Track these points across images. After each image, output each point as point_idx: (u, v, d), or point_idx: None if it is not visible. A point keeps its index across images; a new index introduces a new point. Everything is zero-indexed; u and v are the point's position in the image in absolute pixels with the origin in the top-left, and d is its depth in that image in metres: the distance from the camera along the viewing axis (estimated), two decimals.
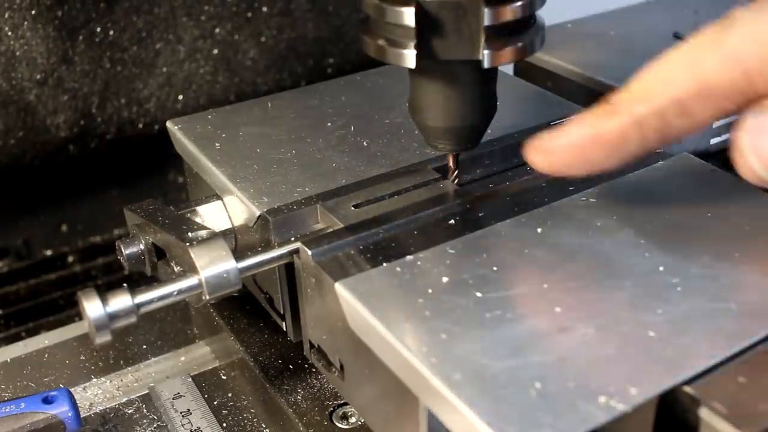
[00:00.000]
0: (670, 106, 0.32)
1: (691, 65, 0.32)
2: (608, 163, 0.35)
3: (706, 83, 0.32)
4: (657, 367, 0.31)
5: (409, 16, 0.36)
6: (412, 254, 0.38)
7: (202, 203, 0.47)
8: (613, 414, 0.29)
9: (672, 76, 0.32)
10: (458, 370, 0.31)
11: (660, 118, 0.33)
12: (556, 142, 0.35)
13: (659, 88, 0.33)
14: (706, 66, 0.32)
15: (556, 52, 0.58)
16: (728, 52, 0.31)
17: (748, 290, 0.35)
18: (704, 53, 0.32)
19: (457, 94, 0.40)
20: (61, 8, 0.62)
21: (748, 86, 0.31)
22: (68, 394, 0.45)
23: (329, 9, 0.72)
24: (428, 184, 0.44)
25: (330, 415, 0.44)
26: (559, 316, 0.33)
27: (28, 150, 0.65)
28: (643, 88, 0.33)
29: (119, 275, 0.70)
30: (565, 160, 0.35)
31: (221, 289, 0.39)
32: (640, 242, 0.38)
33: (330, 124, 0.51)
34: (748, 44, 0.31)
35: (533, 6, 0.38)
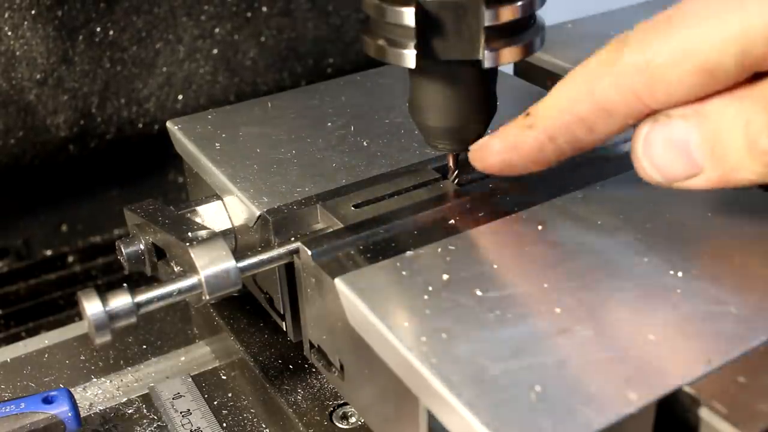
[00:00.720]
0: (575, 124, 0.35)
1: (589, 86, 0.34)
2: (534, 168, 0.38)
3: (603, 105, 0.34)
4: (657, 371, 0.31)
5: (409, 16, 0.36)
6: (413, 250, 0.38)
7: (202, 203, 0.47)
8: (612, 419, 0.29)
9: (572, 97, 0.35)
10: (458, 371, 0.31)
11: (569, 133, 0.36)
12: (488, 150, 0.39)
13: (565, 107, 0.35)
14: (601, 88, 0.34)
15: (556, 52, 0.58)
16: (619, 77, 0.33)
17: (748, 292, 0.35)
18: (599, 75, 0.34)
19: (457, 94, 0.40)
20: (61, 8, 0.62)
21: (642, 105, 0.33)
22: (68, 394, 0.45)
23: (329, 9, 0.72)
24: (428, 184, 0.44)
25: (330, 415, 0.44)
26: (559, 317, 0.33)
27: (28, 150, 0.65)
28: (553, 105, 0.36)
29: (119, 275, 0.70)
30: (497, 166, 0.39)
31: (221, 289, 0.39)
32: (640, 242, 0.38)
33: (330, 124, 0.51)
34: (635, 70, 0.33)
35: (533, 6, 0.38)
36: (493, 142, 0.39)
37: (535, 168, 0.38)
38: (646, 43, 0.33)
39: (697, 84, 0.32)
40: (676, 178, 0.34)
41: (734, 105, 0.32)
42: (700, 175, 0.33)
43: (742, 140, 0.32)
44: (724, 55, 0.31)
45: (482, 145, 0.39)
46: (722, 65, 0.31)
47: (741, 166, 0.32)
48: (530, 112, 0.37)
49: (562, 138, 0.36)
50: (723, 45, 0.31)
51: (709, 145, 0.33)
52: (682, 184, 0.34)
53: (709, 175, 0.33)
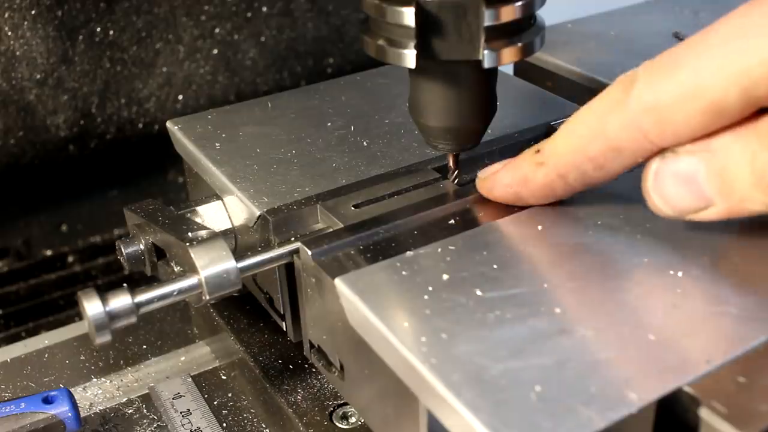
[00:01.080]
0: (585, 163, 0.36)
1: (597, 126, 0.35)
2: (542, 202, 0.40)
3: (613, 144, 0.35)
4: (657, 371, 0.31)
5: (409, 16, 0.36)
6: (412, 250, 0.38)
7: (202, 203, 0.47)
8: (612, 419, 0.29)
9: (582, 137, 0.36)
10: (458, 371, 0.31)
11: (579, 171, 0.37)
12: (495, 183, 0.40)
13: (574, 146, 0.36)
14: (610, 128, 0.35)
15: (556, 52, 0.58)
16: (628, 117, 0.34)
17: (748, 292, 0.35)
18: (608, 115, 0.35)
19: (457, 94, 0.40)
20: (61, 8, 0.62)
21: (650, 144, 0.34)
22: (68, 394, 0.45)
23: (329, 9, 0.72)
24: (428, 184, 0.44)
25: (330, 415, 0.44)
26: (560, 317, 0.33)
27: (28, 150, 0.65)
28: (564, 144, 0.37)
29: (119, 275, 0.70)
30: (504, 198, 0.40)
31: (221, 289, 0.39)
32: (640, 242, 0.38)
33: (330, 124, 0.51)
34: (644, 110, 0.33)
35: (533, 6, 0.38)
36: (502, 175, 0.40)
37: (542, 202, 0.39)
38: (653, 83, 0.33)
39: (704, 122, 0.33)
40: (687, 210, 0.35)
41: (740, 141, 0.33)
42: (710, 207, 0.34)
43: (748, 174, 0.32)
44: (729, 94, 0.32)
45: (491, 176, 0.40)
46: (727, 104, 0.32)
47: (749, 198, 0.33)
48: (540, 150, 0.38)
49: (571, 176, 0.37)
50: (727, 84, 0.31)
51: (717, 180, 0.33)
52: (693, 216, 0.35)
53: (719, 207, 0.34)
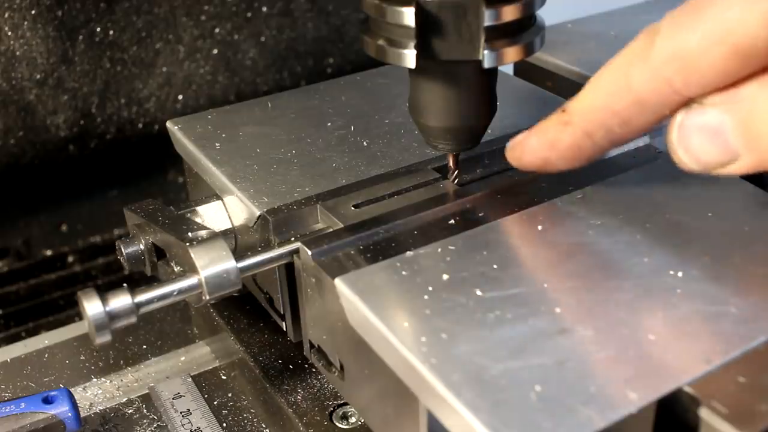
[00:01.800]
0: (611, 119, 0.35)
1: (622, 80, 0.35)
2: (572, 165, 0.38)
3: (638, 97, 0.34)
4: (657, 371, 0.31)
5: (409, 16, 0.36)
6: (413, 251, 0.38)
7: (202, 203, 0.47)
8: (613, 419, 0.29)
9: (607, 92, 0.35)
10: (458, 371, 0.31)
11: (605, 128, 0.36)
12: (525, 147, 0.39)
13: (599, 103, 0.36)
14: (634, 81, 0.34)
15: (556, 52, 0.58)
16: (652, 67, 0.33)
17: (748, 293, 0.35)
18: (632, 68, 0.34)
19: (457, 94, 0.40)
20: (61, 8, 0.62)
21: (676, 95, 0.33)
22: (68, 394, 0.45)
23: (329, 9, 0.72)
24: (428, 184, 0.44)
25: (330, 415, 0.44)
26: (560, 317, 0.33)
27: (28, 150, 0.65)
28: (589, 101, 0.36)
29: (119, 275, 0.70)
30: (535, 163, 0.39)
31: (221, 289, 0.39)
32: (640, 242, 0.38)
33: (330, 124, 0.51)
34: (668, 58, 0.33)
35: (533, 6, 0.38)
36: (530, 140, 0.39)
37: (572, 165, 0.38)
38: (676, 31, 0.33)
39: (730, 68, 0.32)
40: (713, 164, 0.34)
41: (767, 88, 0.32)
42: (737, 161, 0.33)
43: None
44: (756, 37, 0.31)
45: (519, 143, 0.39)
46: (754, 47, 0.31)
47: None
48: (566, 109, 0.37)
49: (599, 133, 0.36)
50: (754, 26, 0.31)
51: (744, 131, 0.33)
52: (719, 170, 0.34)
53: (746, 160, 0.33)
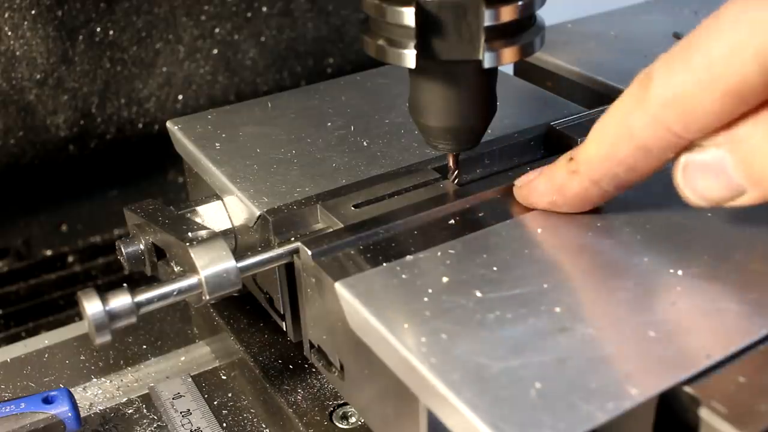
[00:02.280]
0: (617, 167, 0.36)
1: (623, 128, 0.35)
2: (579, 209, 0.40)
3: (641, 143, 0.35)
4: (657, 367, 0.31)
5: (409, 16, 0.36)
6: (412, 254, 0.38)
7: (202, 203, 0.47)
8: (613, 414, 0.29)
9: (610, 141, 0.36)
10: (458, 371, 0.31)
11: (611, 176, 0.37)
12: (529, 191, 0.40)
13: (604, 152, 0.36)
14: (635, 128, 0.34)
15: (556, 52, 0.58)
16: (650, 114, 0.34)
17: (748, 290, 0.35)
18: (631, 116, 0.35)
19: (457, 94, 0.40)
20: (61, 8, 0.62)
21: (677, 138, 0.34)
22: (68, 394, 0.45)
23: (329, 9, 0.72)
24: (428, 184, 0.44)
25: (330, 415, 0.44)
26: (560, 317, 0.33)
27: (28, 150, 0.65)
28: (593, 151, 0.37)
29: (119, 275, 0.70)
30: (539, 205, 0.40)
31: (221, 289, 0.39)
32: (640, 242, 0.38)
33: (330, 124, 0.51)
34: (664, 105, 0.33)
35: (533, 6, 0.38)
36: (538, 183, 0.40)
37: (578, 210, 0.40)
38: (670, 76, 0.33)
39: (725, 109, 0.32)
40: (720, 201, 0.35)
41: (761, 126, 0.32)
42: (743, 194, 0.34)
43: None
44: (745, 75, 0.31)
45: (527, 184, 0.41)
46: (746, 86, 0.31)
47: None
48: (573, 157, 0.38)
49: (605, 181, 0.37)
50: (742, 66, 0.31)
51: (745, 168, 0.33)
52: (729, 204, 0.35)
53: (753, 194, 0.34)
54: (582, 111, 0.50)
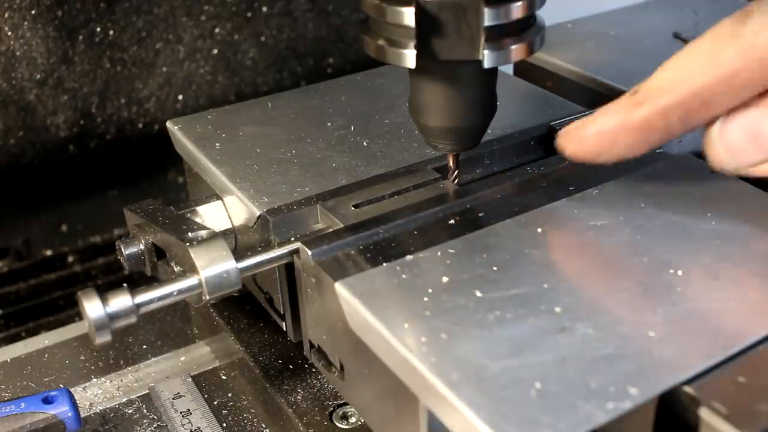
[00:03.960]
0: (692, 97, 0.35)
1: (710, 58, 0.34)
2: (635, 150, 0.37)
3: (726, 74, 0.34)
4: (657, 366, 0.31)
5: (409, 16, 0.36)
6: (412, 254, 0.38)
7: (202, 203, 0.47)
8: (614, 414, 0.29)
9: (693, 69, 0.35)
10: (458, 370, 0.31)
11: (683, 108, 0.35)
12: (587, 131, 0.37)
13: (681, 80, 0.35)
14: (724, 58, 0.34)
15: (556, 52, 0.58)
16: (744, 44, 0.33)
17: (748, 290, 0.35)
18: (722, 46, 0.34)
19: (457, 94, 0.40)
20: (61, 8, 0.62)
21: (765, 75, 0.34)
22: (68, 394, 0.45)
23: (329, 9, 0.72)
24: (428, 184, 0.44)
25: (330, 415, 0.44)
26: (560, 316, 0.33)
27: (28, 150, 0.65)
28: (667, 80, 0.35)
29: (119, 275, 0.70)
30: (595, 148, 0.37)
31: (221, 289, 0.39)
32: (640, 242, 0.38)
33: (330, 124, 0.51)
34: (762, 36, 0.33)
35: (533, 6, 0.38)
36: (595, 120, 0.37)
37: (635, 152, 0.37)
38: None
39: None
40: (747, 163, 0.35)
41: None
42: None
43: None
44: None
45: (579, 126, 0.38)
46: None
47: None
48: (638, 90, 0.36)
49: (675, 113, 0.35)
50: None
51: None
52: (751, 170, 0.35)
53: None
54: (582, 111, 0.50)
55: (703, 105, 0.35)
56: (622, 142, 0.37)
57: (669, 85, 0.35)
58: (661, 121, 0.35)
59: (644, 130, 0.36)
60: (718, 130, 0.35)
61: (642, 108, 0.36)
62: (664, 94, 0.35)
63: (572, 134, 0.38)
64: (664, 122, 0.35)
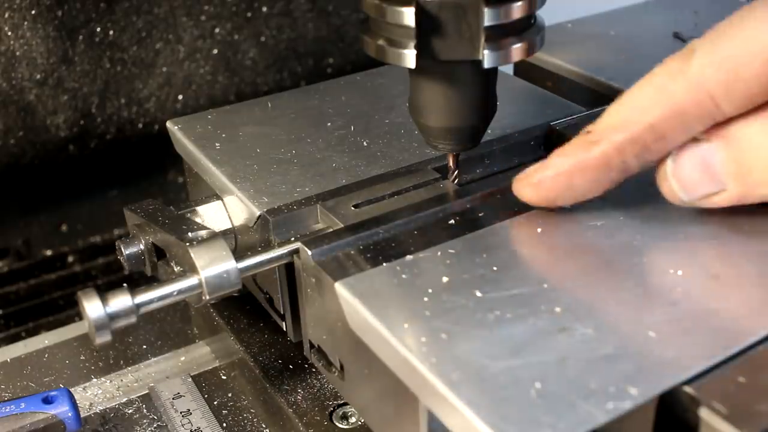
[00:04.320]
0: (645, 133, 0.35)
1: (660, 94, 0.35)
2: (592, 190, 0.38)
3: (677, 109, 0.35)
4: (657, 366, 0.31)
5: (409, 16, 0.36)
6: (412, 254, 0.38)
7: (202, 203, 0.47)
8: (613, 414, 0.29)
9: (644, 105, 0.35)
10: (458, 370, 0.31)
11: (638, 144, 0.36)
12: (542, 174, 0.38)
13: (634, 117, 0.35)
14: (674, 93, 0.34)
15: (556, 52, 0.58)
16: (692, 79, 0.34)
17: (748, 290, 0.35)
18: (671, 82, 0.34)
19: (457, 94, 0.40)
20: (61, 8, 0.62)
21: (715, 108, 0.34)
22: (68, 394, 0.45)
23: (329, 9, 0.72)
24: (428, 184, 0.44)
25: (330, 415, 0.44)
26: (560, 316, 0.33)
27: (28, 150, 0.65)
28: (620, 117, 0.36)
29: (119, 275, 0.70)
30: (552, 191, 0.38)
31: (221, 289, 0.39)
32: (640, 242, 0.38)
33: (330, 124, 0.51)
34: (708, 70, 0.33)
35: (533, 6, 0.38)
36: (550, 162, 0.38)
37: (593, 192, 0.38)
38: (714, 46, 0.33)
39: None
40: (699, 195, 0.36)
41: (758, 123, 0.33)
42: (721, 193, 0.36)
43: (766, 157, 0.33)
44: None
45: (534, 170, 0.38)
46: None
47: (763, 182, 0.34)
48: (591, 130, 0.37)
49: (630, 149, 0.36)
50: None
51: (734, 165, 0.34)
52: (704, 201, 0.36)
53: (731, 192, 0.35)
54: (582, 111, 0.50)
55: (657, 140, 0.35)
56: (579, 182, 0.37)
57: (622, 121, 0.36)
58: (617, 158, 0.36)
59: (601, 168, 0.36)
60: (671, 165, 0.36)
61: (597, 147, 0.36)
62: (618, 131, 0.36)
63: (528, 178, 0.38)
64: (620, 159, 0.36)
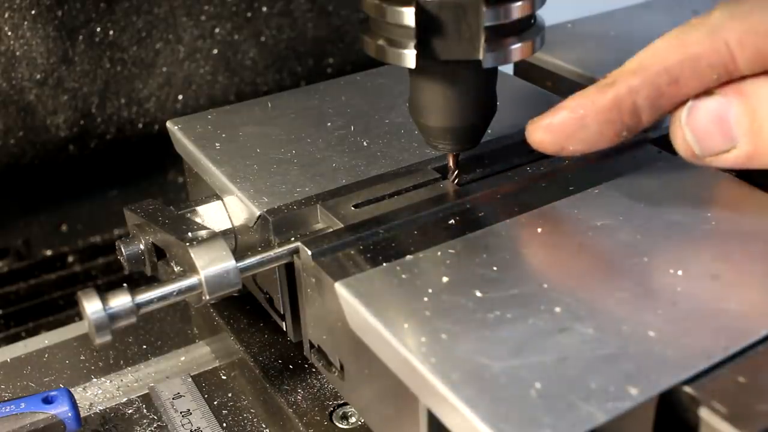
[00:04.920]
0: (660, 75, 0.36)
1: (678, 40, 0.36)
2: (603, 135, 0.37)
3: (692, 53, 0.35)
4: (657, 366, 0.31)
5: (409, 16, 0.36)
6: (412, 254, 0.38)
7: (202, 203, 0.47)
8: (613, 414, 0.29)
9: (661, 50, 0.36)
10: (458, 370, 0.31)
11: (651, 87, 0.36)
12: (554, 118, 0.38)
13: (650, 61, 0.36)
14: (691, 40, 0.35)
15: (556, 52, 0.58)
16: (710, 27, 0.35)
17: (748, 290, 0.35)
18: (690, 30, 0.36)
19: (457, 94, 0.40)
20: (61, 8, 0.62)
21: (729, 57, 0.35)
22: (68, 394, 0.45)
23: (329, 9, 0.72)
24: (428, 184, 0.44)
25: (330, 415, 0.44)
26: (559, 316, 0.33)
27: (28, 150, 0.65)
28: (636, 63, 0.37)
29: (119, 275, 0.70)
30: (564, 134, 0.38)
31: (221, 289, 0.39)
32: (640, 242, 0.38)
33: (330, 124, 0.51)
34: (727, 20, 0.35)
35: (533, 6, 0.38)
36: (565, 104, 0.38)
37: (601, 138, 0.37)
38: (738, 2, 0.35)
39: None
40: (711, 149, 0.36)
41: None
42: (732, 150, 0.36)
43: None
44: None
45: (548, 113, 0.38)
46: None
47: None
48: (608, 75, 0.37)
49: (644, 92, 0.36)
50: None
51: (748, 120, 0.35)
52: (713, 159, 0.36)
53: (740, 150, 0.36)
54: None
55: (671, 84, 0.36)
56: (590, 124, 0.37)
57: (638, 65, 0.37)
58: (629, 101, 0.36)
59: (613, 110, 0.37)
60: (685, 114, 0.36)
61: (612, 89, 0.37)
62: (633, 74, 0.37)
63: (540, 123, 0.39)
64: (632, 102, 0.36)
